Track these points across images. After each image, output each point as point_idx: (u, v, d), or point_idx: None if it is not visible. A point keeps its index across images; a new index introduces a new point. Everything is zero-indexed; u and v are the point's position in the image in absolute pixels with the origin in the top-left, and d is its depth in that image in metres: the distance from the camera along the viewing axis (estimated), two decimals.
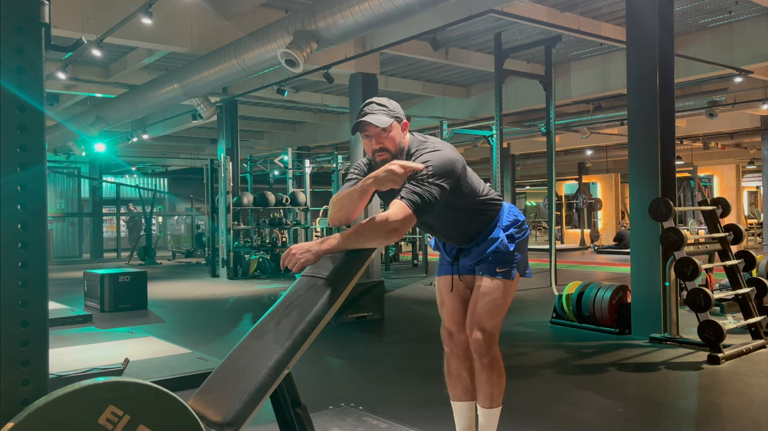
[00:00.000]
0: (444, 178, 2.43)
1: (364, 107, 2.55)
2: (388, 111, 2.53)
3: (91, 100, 14.20)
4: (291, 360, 2.11)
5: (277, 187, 15.77)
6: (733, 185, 21.41)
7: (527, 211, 30.34)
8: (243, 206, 12.87)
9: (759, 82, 12.20)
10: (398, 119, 2.55)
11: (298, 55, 7.19)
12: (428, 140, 2.60)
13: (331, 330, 6.44)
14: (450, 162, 2.49)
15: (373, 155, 2.57)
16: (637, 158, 6.10)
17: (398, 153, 2.54)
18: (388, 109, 2.54)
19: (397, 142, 2.54)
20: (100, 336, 5.92)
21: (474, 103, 14.68)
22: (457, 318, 2.86)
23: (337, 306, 2.25)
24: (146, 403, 1.76)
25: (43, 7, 1.74)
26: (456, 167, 2.51)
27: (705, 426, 3.60)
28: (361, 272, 2.36)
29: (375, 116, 2.49)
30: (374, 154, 2.55)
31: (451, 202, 2.56)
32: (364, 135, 2.54)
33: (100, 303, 8.14)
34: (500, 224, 2.74)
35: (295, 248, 2.33)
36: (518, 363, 5.11)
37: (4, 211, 1.68)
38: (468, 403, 2.90)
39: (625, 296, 6.22)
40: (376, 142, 2.52)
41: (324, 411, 3.73)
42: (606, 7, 9.26)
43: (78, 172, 20.17)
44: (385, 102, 2.56)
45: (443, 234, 2.82)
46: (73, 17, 8.18)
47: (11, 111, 1.69)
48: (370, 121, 2.48)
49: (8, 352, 1.67)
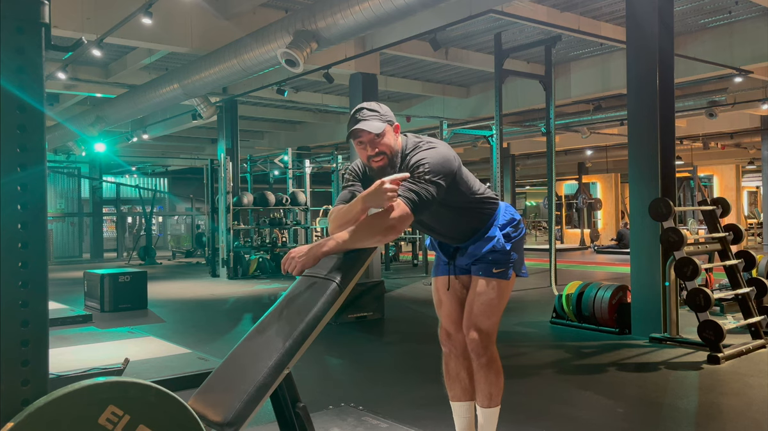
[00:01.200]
0: (440, 175, 2.44)
1: (355, 113, 2.52)
2: (380, 116, 2.51)
3: (91, 100, 14.20)
4: (291, 360, 2.11)
5: (277, 187, 15.77)
6: (733, 185, 21.42)
7: (527, 210, 30.32)
8: (243, 206, 12.87)
9: (759, 82, 12.20)
10: (390, 123, 2.54)
11: (298, 55, 7.19)
12: (422, 139, 2.59)
13: (331, 330, 6.44)
14: (446, 159, 2.49)
15: (368, 161, 2.54)
16: (637, 158, 6.10)
17: (394, 156, 2.53)
18: (379, 113, 2.52)
19: (391, 146, 2.52)
20: (100, 336, 5.92)
21: (474, 103, 14.68)
22: (455, 318, 2.86)
23: (337, 306, 2.26)
24: (146, 403, 1.76)
25: (43, 7, 1.74)
26: (452, 164, 2.51)
27: (705, 426, 3.60)
28: (361, 272, 2.36)
29: (368, 122, 2.48)
30: (369, 160, 2.53)
31: (447, 200, 2.56)
32: (358, 142, 2.52)
33: (100, 303, 8.14)
34: (497, 223, 2.74)
35: (294, 252, 2.33)
36: (518, 363, 5.11)
37: (4, 211, 1.68)
38: (467, 403, 2.90)
39: (625, 296, 6.22)
40: (371, 148, 2.50)
41: (324, 411, 3.73)
42: (606, 7, 9.26)
43: (78, 172, 20.17)
44: (375, 107, 2.54)
45: (439, 232, 2.82)
46: (73, 17, 8.18)
47: (11, 111, 1.69)
48: (364, 128, 2.46)
49: (8, 352, 1.67)
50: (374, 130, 2.46)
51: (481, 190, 2.72)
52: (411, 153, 2.52)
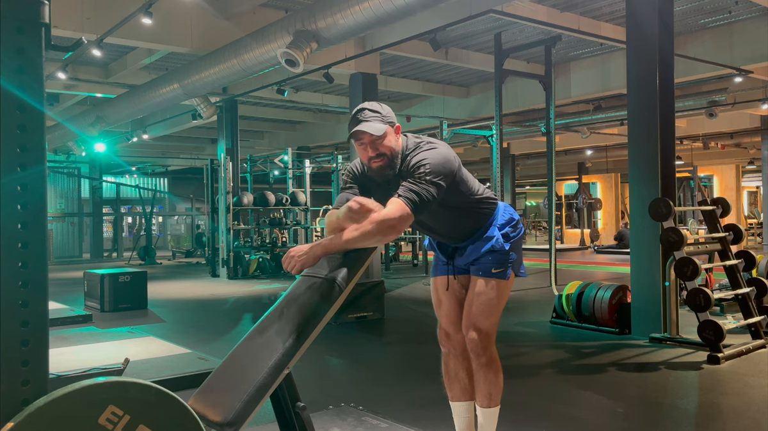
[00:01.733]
0: (441, 176, 2.44)
1: (356, 113, 2.51)
2: (382, 117, 2.50)
3: (91, 100, 14.20)
4: (291, 360, 2.11)
5: (277, 187, 15.76)
6: (733, 185, 21.41)
7: (527, 210, 30.31)
8: (243, 206, 12.87)
9: (759, 82, 12.20)
10: (392, 124, 2.53)
11: (298, 55, 7.19)
12: (422, 140, 2.59)
13: (331, 330, 6.44)
14: (446, 160, 2.49)
15: (368, 162, 2.54)
16: (637, 158, 6.10)
17: (394, 157, 2.53)
18: (381, 114, 2.51)
19: (392, 147, 2.52)
20: (100, 336, 5.92)
21: (474, 103, 14.68)
22: (454, 318, 2.86)
23: (337, 306, 2.26)
24: (146, 403, 1.76)
25: (43, 7, 1.74)
26: (452, 165, 2.51)
27: (705, 426, 3.60)
28: (361, 272, 2.36)
29: (370, 124, 2.47)
30: (370, 161, 2.53)
31: (447, 200, 2.56)
32: (359, 143, 2.52)
33: (100, 303, 8.14)
34: (495, 223, 2.74)
35: (294, 251, 2.34)
36: (518, 363, 5.11)
37: (4, 211, 1.68)
38: (467, 403, 2.90)
39: (625, 296, 6.22)
40: (372, 150, 2.49)
41: (324, 411, 3.73)
42: (606, 7, 9.26)
43: (78, 172, 20.17)
44: (377, 107, 2.53)
45: (438, 232, 2.82)
46: (73, 17, 8.18)
47: (11, 111, 1.69)
48: (365, 129, 2.45)
49: (8, 352, 1.67)
50: (376, 132, 2.45)
51: (480, 191, 2.71)
52: (411, 153, 2.52)
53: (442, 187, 2.44)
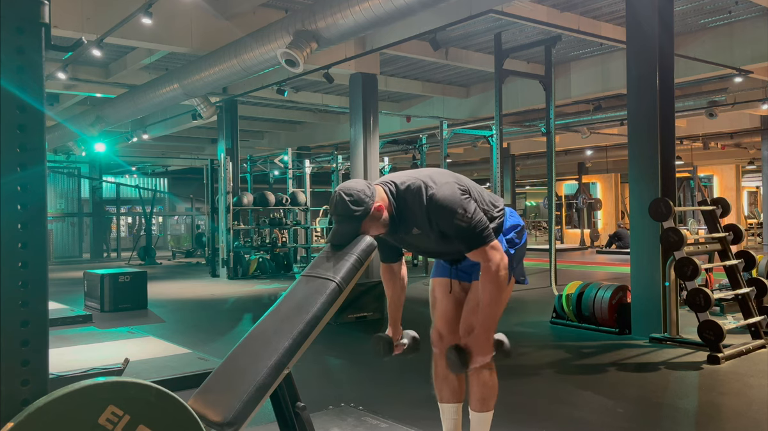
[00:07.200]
0: (467, 196, 2.47)
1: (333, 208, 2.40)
2: (353, 211, 2.35)
3: (91, 100, 14.20)
4: (291, 360, 2.10)
5: (277, 187, 15.77)
6: (733, 185, 21.41)
7: (527, 210, 30.31)
8: (243, 206, 12.86)
9: (759, 82, 12.20)
10: (367, 209, 2.38)
11: (298, 55, 7.19)
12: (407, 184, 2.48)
13: (331, 330, 6.44)
14: (452, 191, 2.44)
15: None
16: (637, 158, 6.09)
17: (385, 225, 2.48)
18: (352, 208, 2.35)
19: (380, 220, 2.45)
20: (100, 336, 5.92)
21: (474, 103, 14.68)
22: (449, 319, 2.86)
23: (337, 306, 2.25)
24: (146, 403, 1.76)
25: (43, 7, 1.74)
26: (455, 189, 2.46)
27: (705, 426, 3.60)
28: (361, 272, 2.36)
29: (342, 227, 2.37)
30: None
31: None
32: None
33: (100, 303, 8.14)
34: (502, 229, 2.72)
35: (474, 361, 2.48)
36: (518, 363, 5.11)
37: (4, 211, 1.68)
38: (455, 405, 2.88)
39: (625, 296, 6.21)
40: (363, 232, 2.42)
41: (324, 411, 3.73)
42: (606, 7, 9.26)
43: (78, 172, 20.17)
44: (347, 200, 2.36)
45: (448, 256, 2.80)
46: (73, 17, 8.18)
47: (11, 111, 1.69)
48: (337, 242, 2.37)
49: (8, 352, 1.67)
50: (348, 239, 2.36)
51: (491, 211, 2.64)
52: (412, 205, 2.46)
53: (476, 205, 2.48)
